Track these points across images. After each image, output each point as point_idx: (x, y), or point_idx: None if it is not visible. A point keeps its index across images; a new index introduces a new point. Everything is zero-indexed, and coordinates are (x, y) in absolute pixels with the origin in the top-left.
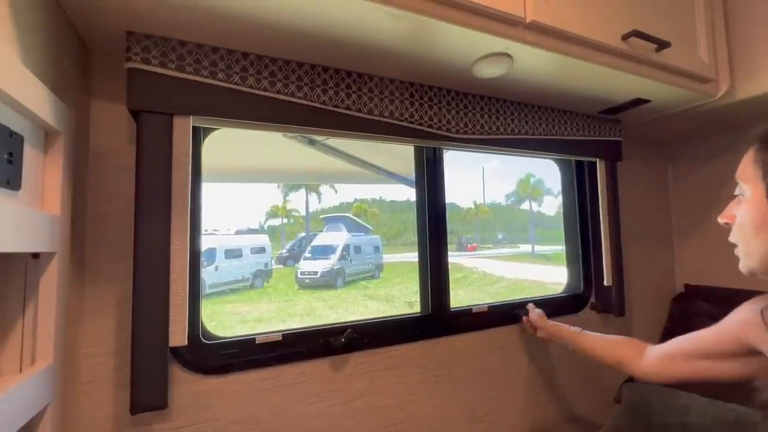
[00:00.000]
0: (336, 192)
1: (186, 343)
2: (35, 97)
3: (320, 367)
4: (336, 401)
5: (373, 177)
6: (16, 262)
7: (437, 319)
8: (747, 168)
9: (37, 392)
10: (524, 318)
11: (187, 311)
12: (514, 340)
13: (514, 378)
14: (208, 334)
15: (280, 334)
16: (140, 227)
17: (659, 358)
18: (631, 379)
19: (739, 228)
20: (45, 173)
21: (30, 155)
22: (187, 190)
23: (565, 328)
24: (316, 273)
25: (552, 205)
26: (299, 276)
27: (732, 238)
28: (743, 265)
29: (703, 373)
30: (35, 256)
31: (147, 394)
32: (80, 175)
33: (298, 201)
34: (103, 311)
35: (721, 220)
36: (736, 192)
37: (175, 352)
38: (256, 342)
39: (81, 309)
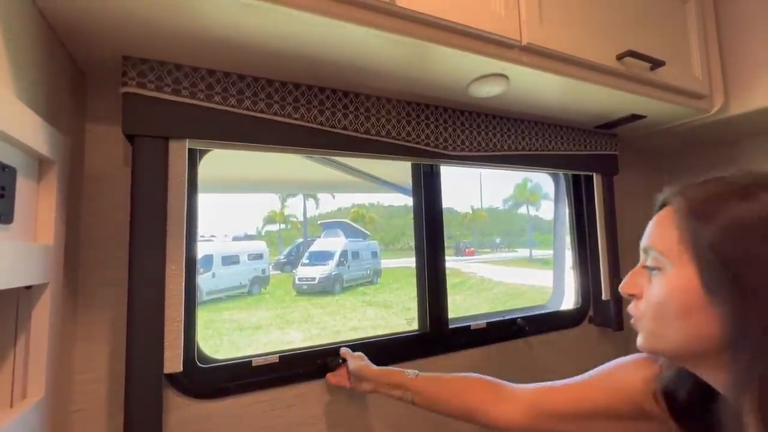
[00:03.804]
0: (333, 197)
1: (181, 369)
2: (29, 129)
3: (318, 389)
4: (334, 422)
5: (371, 186)
6: (8, 295)
7: (435, 337)
8: (667, 239)
9: (28, 429)
10: (331, 376)
11: (182, 337)
12: (512, 356)
13: None
14: (203, 357)
15: (277, 356)
16: (135, 252)
17: (526, 410)
18: None
19: (655, 307)
20: (38, 203)
21: (23, 186)
22: (182, 214)
23: (396, 373)
24: (313, 279)
25: (549, 209)
26: (297, 282)
27: (636, 312)
28: (646, 343)
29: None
30: (27, 287)
31: (141, 422)
32: (75, 198)
33: (295, 206)
34: (97, 337)
35: (624, 290)
36: (649, 263)
37: (170, 376)
38: (253, 365)
39: (74, 335)
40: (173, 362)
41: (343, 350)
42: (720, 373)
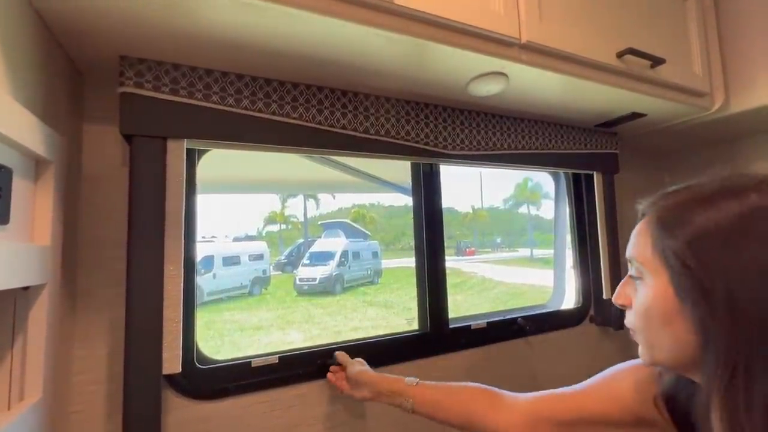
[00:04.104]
0: (334, 198)
1: (180, 370)
2: (24, 129)
3: (318, 389)
4: (335, 423)
5: (371, 186)
6: (5, 296)
7: (435, 336)
8: (644, 249)
9: (26, 430)
10: (331, 375)
11: (181, 338)
12: (513, 355)
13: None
14: (202, 358)
15: (276, 356)
16: (133, 253)
17: (527, 416)
18: None
19: (642, 317)
20: (35, 203)
21: (19, 186)
22: (180, 214)
23: (396, 380)
24: (314, 279)
25: (550, 208)
26: (297, 283)
27: (630, 324)
28: (647, 356)
29: None
30: (25, 288)
31: (139, 423)
32: (73, 199)
33: (296, 207)
34: (96, 338)
35: (616, 301)
36: (633, 273)
37: (169, 377)
38: (252, 365)
39: (72, 335)
40: (172, 363)
41: (340, 355)
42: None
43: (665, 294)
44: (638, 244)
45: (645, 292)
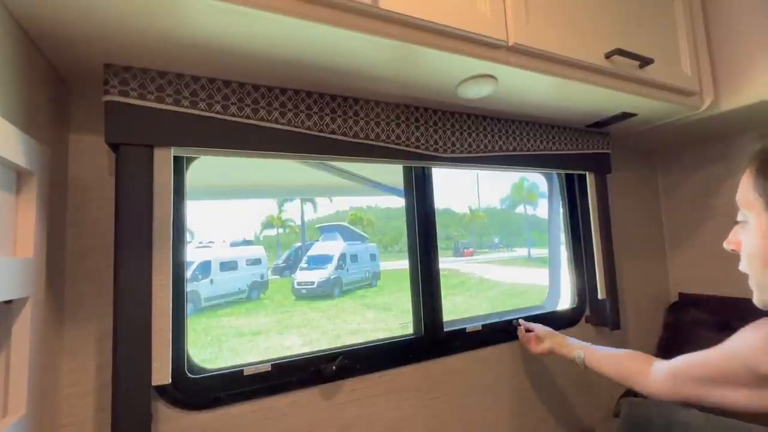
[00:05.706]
0: (331, 201)
1: (169, 381)
2: (4, 141)
3: (312, 396)
4: (329, 430)
5: (365, 189)
6: None
7: (430, 340)
8: (747, 194)
9: None
10: (522, 334)
11: (171, 348)
12: (508, 358)
13: (511, 396)
14: (194, 368)
15: (269, 364)
16: (120, 263)
17: (666, 377)
18: (628, 393)
19: (748, 258)
20: (17, 215)
21: None
22: (169, 223)
23: (574, 342)
24: (312, 283)
25: (547, 208)
26: (296, 286)
27: (743, 268)
28: (758, 299)
29: (715, 400)
30: (7, 301)
31: None
32: (59, 209)
33: (293, 211)
34: (85, 349)
35: (727, 246)
36: (739, 218)
37: (159, 388)
38: (244, 374)
39: (61, 348)
40: (161, 374)
41: (532, 326)
42: None
43: (765, 233)
44: (741, 190)
45: (749, 235)
